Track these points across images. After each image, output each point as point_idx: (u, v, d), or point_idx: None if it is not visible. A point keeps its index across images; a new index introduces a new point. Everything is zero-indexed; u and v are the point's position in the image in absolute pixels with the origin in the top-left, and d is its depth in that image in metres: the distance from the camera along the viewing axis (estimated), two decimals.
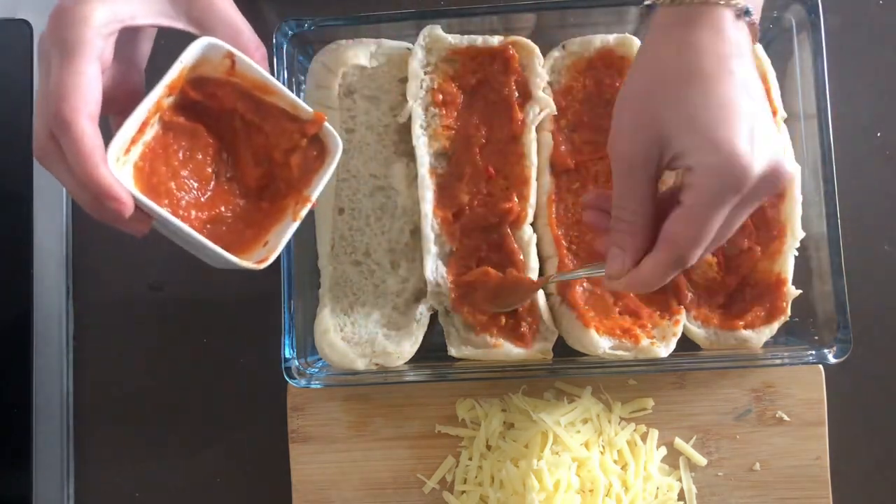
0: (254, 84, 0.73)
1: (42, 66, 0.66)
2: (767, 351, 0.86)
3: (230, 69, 0.71)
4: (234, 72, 0.72)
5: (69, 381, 0.93)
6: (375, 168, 0.88)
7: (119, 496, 0.93)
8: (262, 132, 0.75)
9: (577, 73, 0.88)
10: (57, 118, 0.62)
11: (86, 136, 0.63)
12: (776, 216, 0.85)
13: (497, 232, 0.86)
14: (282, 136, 0.75)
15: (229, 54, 0.70)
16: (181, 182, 0.73)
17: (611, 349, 0.83)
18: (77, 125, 0.62)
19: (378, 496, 0.90)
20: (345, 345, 0.85)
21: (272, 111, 0.74)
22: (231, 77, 0.72)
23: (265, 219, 0.76)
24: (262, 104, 0.74)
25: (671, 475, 0.89)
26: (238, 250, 0.73)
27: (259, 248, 0.74)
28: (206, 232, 0.73)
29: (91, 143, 0.63)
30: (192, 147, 0.74)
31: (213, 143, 0.75)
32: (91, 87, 0.64)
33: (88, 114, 0.63)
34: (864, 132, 0.94)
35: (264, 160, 0.76)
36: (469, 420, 0.90)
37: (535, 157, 0.86)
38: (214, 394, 0.93)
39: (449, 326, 0.86)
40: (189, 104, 0.73)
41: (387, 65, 0.88)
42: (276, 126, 0.75)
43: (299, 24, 0.86)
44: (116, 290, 0.95)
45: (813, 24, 0.84)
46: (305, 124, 0.74)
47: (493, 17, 0.87)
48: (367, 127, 0.89)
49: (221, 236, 0.74)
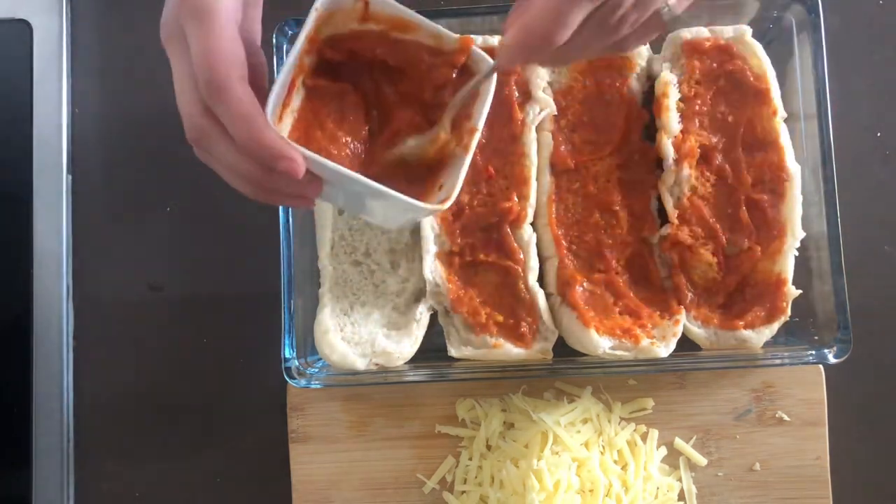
0: (392, 23, 0.68)
1: (173, 47, 0.63)
2: (767, 351, 0.86)
3: (363, 13, 0.68)
4: (369, 14, 0.68)
5: (69, 381, 0.93)
6: None
7: (119, 496, 0.93)
8: (408, 76, 0.71)
9: (577, 73, 0.88)
10: (211, 85, 0.60)
11: (244, 97, 0.60)
12: (776, 216, 0.85)
13: (497, 232, 0.86)
14: (429, 73, 0.70)
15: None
16: (340, 145, 0.70)
17: (611, 349, 0.83)
18: (234, 88, 0.60)
19: (378, 496, 0.90)
20: (345, 345, 0.85)
21: (413, 51, 0.70)
22: (365, 23, 0.68)
23: (432, 166, 0.71)
24: (400, 45, 0.70)
25: (671, 475, 0.89)
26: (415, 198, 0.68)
27: (435, 192, 0.70)
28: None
29: (251, 103, 0.60)
30: (342, 108, 0.71)
31: (361, 101, 0.72)
32: (237, 48, 0.61)
33: (240, 76, 0.61)
34: (864, 132, 0.94)
35: (416, 104, 0.72)
36: (469, 420, 0.90)
37: (535, 157, 0.86)
38: (214, 394, 0.93)
39: (449, 326, 0.86)
40: (329, 66, 0.69)
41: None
42: (421, 65, 0.70)
43: (299, 24, 0.86)
44: (116, 290, 0.95)
45: (813, 24, 0.84)
46: (452, 55, 0.70)
47: (493, 17, 0.87)
48: None
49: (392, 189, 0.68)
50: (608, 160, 0.87)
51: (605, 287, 0.85)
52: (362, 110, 0.72)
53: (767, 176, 0.85)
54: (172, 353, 0.94)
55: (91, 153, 0.96)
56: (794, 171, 0.85)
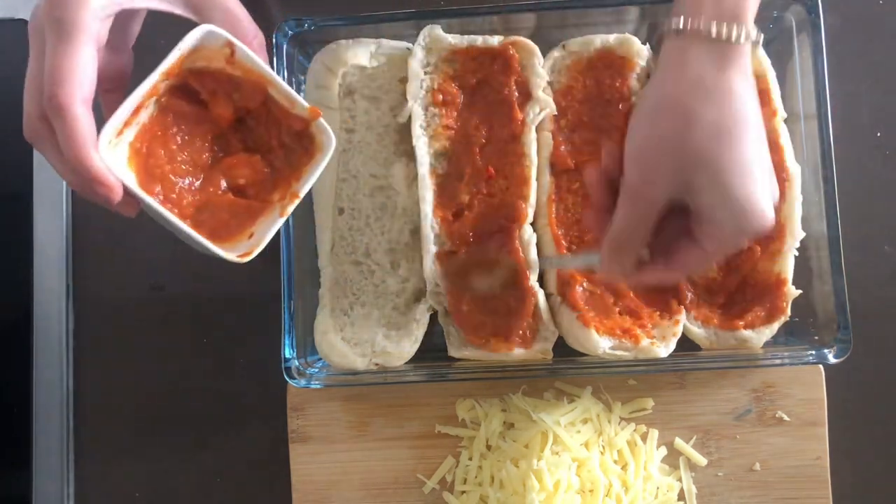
0: (251, 75, 0.72)
1: (35, 42, 0.65)
2: (767, 351, 0.86)
3: (229, 58, 0.71)
4: (234, 61, 0.71)
5: (69, 381, 0.93)
6: (375, 168, 0.88)
7: (119, 496, 0.93)
8: (258, 123, 0.75)
9: (577, 73, 0.88)
10: (51, 102, 0.62)
11: (79, 121, 0.62)
12: (776, 216, 0.85)
13: (500, 232, 0.85)
14: (275, 128, 0.75)
15: (228, 43, 0.70)
16: (177, 167, 0.73)
17: (611, 349, 0.83)
18: (71, 110, 0.62)
19: (378, 496, 0.90)
20: (345, 345, 0.85)
21: (269, 103, 0.74)
22: (230, 66, 0.72)
23: (251, 210, 0.75)
24: (259, 92, 0.73)
25: (671, 475, 0.89)
26: (222, 239, 0.73)
27: (244, 240, 0.74)
28: (194, 220, 0.73)
29: (84, 128, 0.63)
30: (191, 132, 0.74)
31: (210, 130, 0.75)
32: (87, 71, 0.63)
33: (83, 98, 0.63)
34: (864, 132, 0.94)
35: (257, 151, 0.76)
36: (469, 420, 0.90)
37: (535, 157, 0.86)
38: (214, 394, 0.93)
39: (449, 326, 0.86)
40: (190, 90, 0.73)
41: (387, 65, 0.88)
42: (271, 118, 0.75)
43: (299, 24, 0.86)
44: (116, 290, 0.95)
45: (813, 24, 0.84)
46: (300, 119, 0.74)
47: (494, 17, 0.87)
48: (367, 127, 0.89)
49: (207, 223, 0.74)
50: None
51: (605, 287, 0.85)
52: (210, 139, 0.75)
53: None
54: (172, 352, 0.94)
55: None
56: (794, 171, 0.85)
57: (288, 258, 0.85)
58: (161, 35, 0.72)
